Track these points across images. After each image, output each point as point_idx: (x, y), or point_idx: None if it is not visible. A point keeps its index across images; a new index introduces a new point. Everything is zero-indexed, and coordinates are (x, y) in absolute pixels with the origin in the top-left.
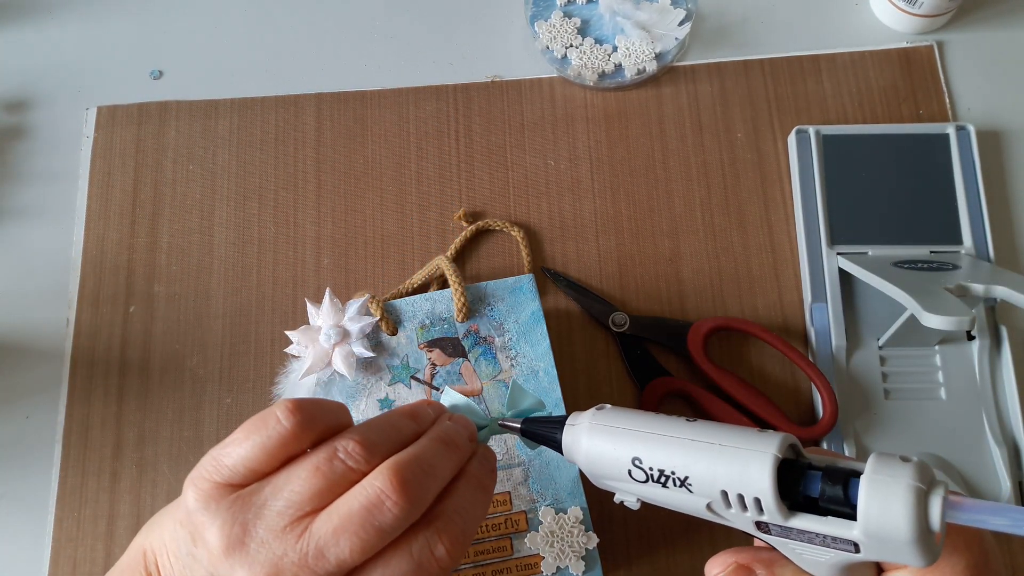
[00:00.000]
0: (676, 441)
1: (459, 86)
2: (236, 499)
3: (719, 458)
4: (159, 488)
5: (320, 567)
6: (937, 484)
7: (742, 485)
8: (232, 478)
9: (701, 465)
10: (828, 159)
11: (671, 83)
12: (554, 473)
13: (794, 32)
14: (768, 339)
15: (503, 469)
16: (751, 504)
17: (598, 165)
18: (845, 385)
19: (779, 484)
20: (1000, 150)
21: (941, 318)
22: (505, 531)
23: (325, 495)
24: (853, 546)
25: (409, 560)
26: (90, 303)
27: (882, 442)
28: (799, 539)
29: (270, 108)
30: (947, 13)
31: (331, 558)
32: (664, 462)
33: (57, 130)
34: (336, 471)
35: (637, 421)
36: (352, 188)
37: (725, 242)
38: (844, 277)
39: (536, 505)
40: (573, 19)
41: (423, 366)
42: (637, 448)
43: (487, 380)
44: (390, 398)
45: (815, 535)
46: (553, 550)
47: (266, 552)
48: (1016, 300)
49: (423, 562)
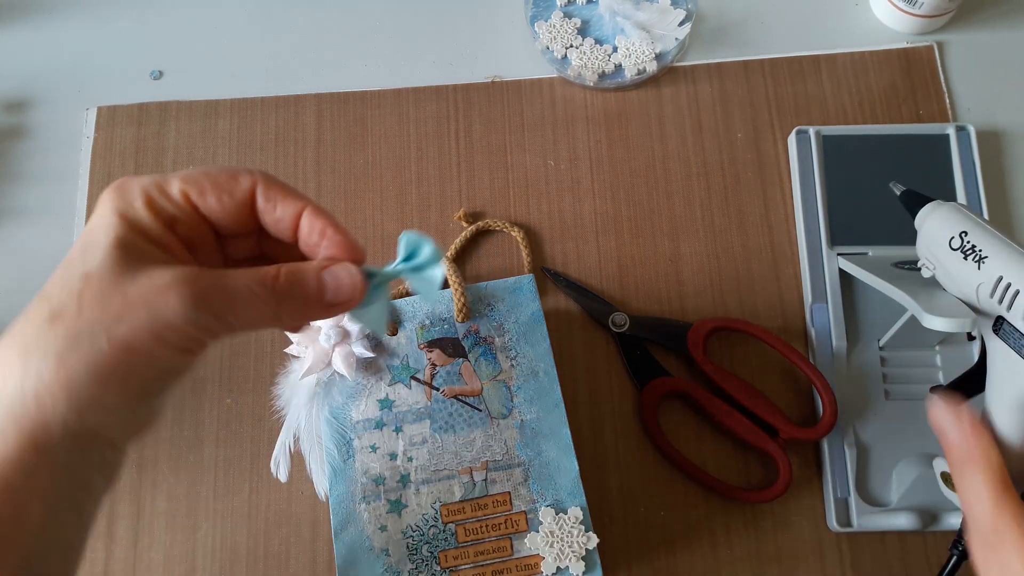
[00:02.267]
0: (997, 236)
1: (459, 86)
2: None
3: (1019, 259)
4: (159, 488)
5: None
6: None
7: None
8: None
9: (1004, 254)
10: (828, 159)
11: (671, 83)
12: (554, 473)
13: (794, 32)
14: (768, 340)
15: (503, 469)
16: (1014, 297)
17: (598, 165)
18: (845, 385)
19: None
20: (1000, 150)
21: (942, 320)
22: (505, 531)
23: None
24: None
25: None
26: None
27: (883, 442)
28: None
29: (270, 108)
30: (947, 13)
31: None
32: (980, 241)
33: (57, 130)
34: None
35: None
36: (352, 188)
37: (725, 242)
38: (844, 278)
39: (536, 505)
40: (573, 19)
41: (423, 366)
42: (970, 227)
43: (487, 380)
44: (390, 398)
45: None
46: (553, 550)
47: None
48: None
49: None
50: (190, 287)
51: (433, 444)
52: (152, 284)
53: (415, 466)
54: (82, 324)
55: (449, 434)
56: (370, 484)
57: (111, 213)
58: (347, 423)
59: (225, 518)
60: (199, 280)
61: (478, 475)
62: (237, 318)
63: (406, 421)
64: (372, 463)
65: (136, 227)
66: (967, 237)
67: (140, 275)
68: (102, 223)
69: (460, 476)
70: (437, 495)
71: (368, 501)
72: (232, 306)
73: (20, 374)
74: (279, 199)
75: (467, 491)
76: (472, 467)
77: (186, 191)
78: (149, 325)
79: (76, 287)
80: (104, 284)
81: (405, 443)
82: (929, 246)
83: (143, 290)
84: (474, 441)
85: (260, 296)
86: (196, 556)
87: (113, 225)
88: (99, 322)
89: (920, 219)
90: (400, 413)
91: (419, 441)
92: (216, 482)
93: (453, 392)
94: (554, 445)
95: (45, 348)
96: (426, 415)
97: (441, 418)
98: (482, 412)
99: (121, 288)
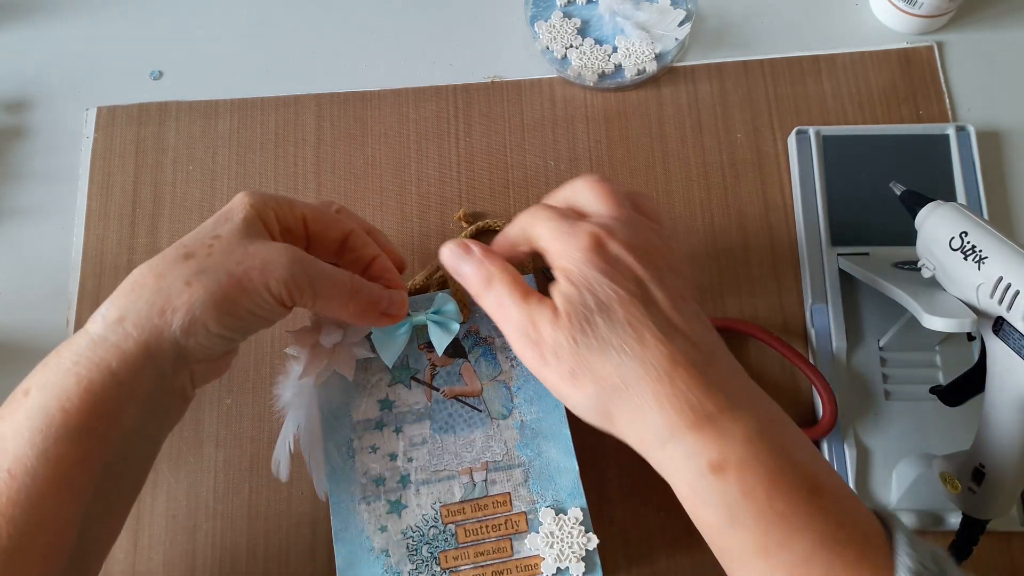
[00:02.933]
0: (997, 236)
1: (459, 86)
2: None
3: (1019, 259)
4: (159, 488)
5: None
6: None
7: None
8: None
9: (1004, 254)
10: (828, 160)
11: (671, 83)
12: (554, 474)
13: (794, 32)
14: (768, 340)
15: (503, 470)
16: (1014, 298)
17: (598, 165)
18: (845, 386)
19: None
20: (1000, 151)
21: (943, 320)
22: (505, 532)
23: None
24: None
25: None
26: (90, 303)
27: (883, 443)
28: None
29: (270, 108)
30: (947, 13)
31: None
32: (980, 242)
33: (57, 130)
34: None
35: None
36: (352, 188)
37: (725, 242)
38: (844, 278)
39: (536, 506)
40: (573, 19)
41: (423, 367)
42: (970, 227)
43: (487, 380)
44: (390, 399)
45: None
46: (553, 551)
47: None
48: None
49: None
50: (295, 253)
51: (433, 444)
52: (268, 246)
53: (415, 467)
54: (209, 262)
55: (449, 434)
56: (370, 485)
57: (247, 204)
58: (347, 423)
59: (225, 518)
60: (300, 252)
61: (478, 475)
62: (322, 289)
63: (406, 421)
64: (372, 464)
65: (262, 216)
66: (967, 237)
67: (259, 240)
68: (239, 205)
69: (460, 476)
70: (437, 496)
71: (368, 502)
72: (321, 279)
73: (152, 290)
74: (360, 248)
75: (467, 492)
76: (472, 467)
77: (305, 215)
78: (260, 271)
79: (207, 240)
80: (231, 241)
81: (405, 443)
82: (929, 246)
83: (260, 248)
84: (474, 441)
85: (341, 280)
86: (196, 556)
87: (245, 208)
88: (223, 263)
89: (920, 219)
90: (400, 413)
91: (419, 441)
92: (216, 482)
93: (453, 392)
94: (554, 445)
95: (176, 274)
96: (426, 415)
97: (441, 418)
98: (482, 412)
99: (243, 245)
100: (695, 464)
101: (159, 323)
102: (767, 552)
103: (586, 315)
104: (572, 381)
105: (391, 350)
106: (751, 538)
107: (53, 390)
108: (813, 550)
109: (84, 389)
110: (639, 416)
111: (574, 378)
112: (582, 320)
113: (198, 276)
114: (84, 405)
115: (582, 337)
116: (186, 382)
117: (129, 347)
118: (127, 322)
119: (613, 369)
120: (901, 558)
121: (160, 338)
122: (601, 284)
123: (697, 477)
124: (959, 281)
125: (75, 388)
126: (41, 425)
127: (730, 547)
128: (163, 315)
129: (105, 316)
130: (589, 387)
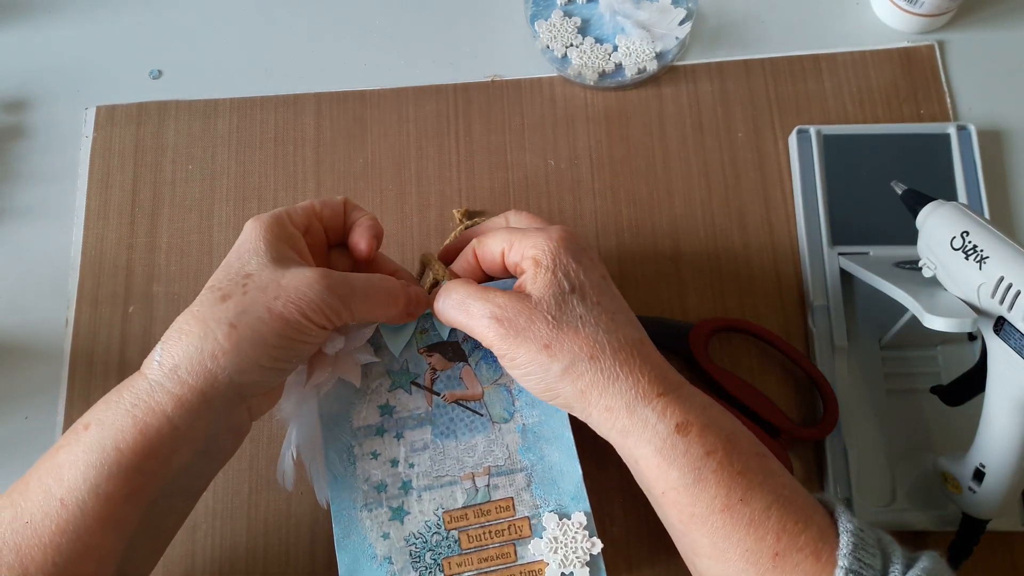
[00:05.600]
0: (998, 236)
1: (459, 86)
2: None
3: (1020, 259)
4: None
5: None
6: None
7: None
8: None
9: (1005, 254)
10: (829, 159)
11: (671, 83)
12: (557, 478)
13: (794, 32)
14: (770, 339)
15: (505, 474)
16: (1015, 298)
17: (598, 165)
18: (846, 385)
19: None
20: (1001, 150)
21: (943, 320)
22: (508, 537)
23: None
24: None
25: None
26: (89, 303)
27: (884, 443)
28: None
29: (270, 108)
30: (948, 12)
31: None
32: (981, 241)
33: (57, 130)
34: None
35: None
36: (352, 188)
37: (726, 242)
38: (845, 277)
39: (539, 511)
40: (573, 18)
41: (423, 371)
42: (971, 227)
43: (488, 384)
44: (390, 404)
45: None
46: (557, 556)
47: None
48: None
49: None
50: (327, 279)
51: (434, 450)
52: (300, 275)
53: (417, 472)
54: (248, 301)
55: (450, 439)
56: (372, 491)
57: (263, 233)
58: (347, 430)
59: (225, 518)
60: (331, 275)
61: (480, 481)
62: (355, 304)
63: (407, 427)
64: (373, 470)
65: (282, 237)
66: (968, 237)
67: (289, 272)
68: (255, 236)
69: (462, 482)
70: (439, 501)
71: (370, 508)
72: (353, 295)
73: (199, 337)
74: (351, 210)
75: (469, 497)
76: (474, 472)
77: (307, 207)
78: (297, 302)
79: (240, 280)
80: (263, 277)
81: (406, 449)
82: (930, 246)
83: (293, 280)
84: (476, 446)
85: (375, 291)
86: (196, 556)
87: (264, 237)
88: (261, 300)
89: (921, 219)
90: (401, 419)
91: (420, 447)
92: (216, 482)
93: (454, 397)
94: (556, 449)
95: (219, 318)
96: (427, 420)
97: (442, 423)
98: (483, 416)
99: (276, 278)
100: (664, 426)
101: (212, 367)
102: (729, 508)
103: (561, 295)
104: (547, 352)
105: (400, 339)
106: (714, 494)
107: (111, 429)
108: (769, 506)
109: (139, 431)
110: (611, 384)
111: (548, 349)
112: (558, 299)
113: (240, 317)
114: (138, 447)
115: (558, 313)
116: (243, 417)
117: (185, 393)
118: (181, 369)
119: (588, 340)
120: (844, 523)
121: (215, 381)
122: (576, 270)
123: (665, 439)
124: (960, 281)
125: (131, 429)
126: (96, 460)
127: (693, 507)
128: (215, 359)
129: (161, 363)
130: (565, 356)
